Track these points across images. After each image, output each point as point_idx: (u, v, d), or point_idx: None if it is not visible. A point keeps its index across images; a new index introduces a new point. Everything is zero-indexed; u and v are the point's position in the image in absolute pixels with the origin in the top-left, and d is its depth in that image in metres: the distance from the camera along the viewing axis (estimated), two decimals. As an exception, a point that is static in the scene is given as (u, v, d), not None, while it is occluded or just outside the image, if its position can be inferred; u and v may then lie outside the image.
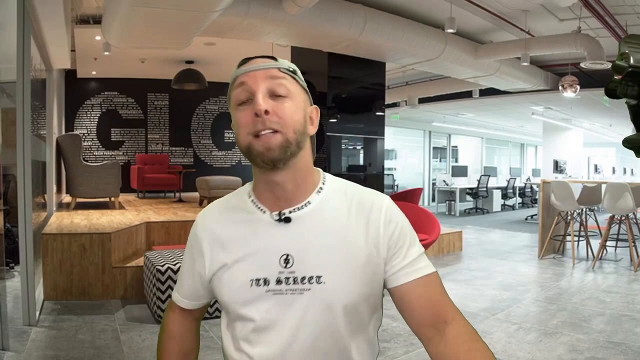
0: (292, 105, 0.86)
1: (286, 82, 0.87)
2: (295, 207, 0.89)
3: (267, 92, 0.85)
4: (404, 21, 5.87)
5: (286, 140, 0.84)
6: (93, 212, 5.77)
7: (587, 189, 5.97)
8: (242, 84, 0.86)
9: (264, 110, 0.82)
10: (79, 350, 2.94)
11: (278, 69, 0.87)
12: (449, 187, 12.22)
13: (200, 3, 3.88)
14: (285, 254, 0.87)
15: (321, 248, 0.87)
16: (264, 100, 0.83)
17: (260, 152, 0.83)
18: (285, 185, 0.88)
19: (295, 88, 0.88)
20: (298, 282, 0.86)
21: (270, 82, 0.85)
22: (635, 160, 3.37)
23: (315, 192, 0.91)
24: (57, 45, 5.03)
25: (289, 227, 0.88)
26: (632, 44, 1.23)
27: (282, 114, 0.84)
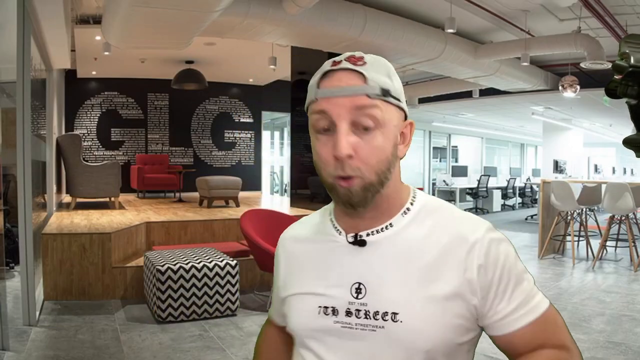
0: (380, 140, 0.73)
1: (376, 111, 0.72)
2: (374, 230, 0.78)
3: (352, 125, 0.72)
4: (404, 21, 5.87)
5: (366, 185, 0.73)
6: (93, 212, 5.77)
7: (587, 189, 5.97)
8: (322, 112, 0.73)
9: (346, 154, 0.71)
10: (79, 350, 2.94)
11: (367, 95, 0.71)
12: (449, 187, 12.23)
13: (200, 3, 3.88)
14: (357, 282, 0.76)
15: (400, 279, 0.74)
16: (347, 140, 0.71)
17: (342, 195, 0.74)
18: (365, 214, 0.78)
19: (387, 113, 0.73)
20: (370, 316, 0.74)
21: (356, 112, 0.71)
22: (635, 160, 3.37)
23: (400, 214, 0.79)
24: (57, 45, 5.03)
25: (364, 252, 0.77)
26: (632, 44, 1.24)
27: (366, 155, 0.72)
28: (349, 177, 0.72)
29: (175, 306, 3.53)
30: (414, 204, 0.81)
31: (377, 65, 0.75)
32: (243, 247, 4.63)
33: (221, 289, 3.67)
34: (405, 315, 0.73)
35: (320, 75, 0.75)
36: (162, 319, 3.51)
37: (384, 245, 0.77)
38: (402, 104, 0.77)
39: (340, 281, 0.77)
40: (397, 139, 0.77)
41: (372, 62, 0.75)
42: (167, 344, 3.10)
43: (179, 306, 3.53)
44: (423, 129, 14.80)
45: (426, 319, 0.73)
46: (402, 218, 0.79)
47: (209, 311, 3.63)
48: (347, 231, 0.80)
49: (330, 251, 0.80)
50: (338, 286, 0.77)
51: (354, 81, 0.72)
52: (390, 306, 0.74)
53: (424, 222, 0.79)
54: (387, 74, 0.75)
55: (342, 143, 0.70)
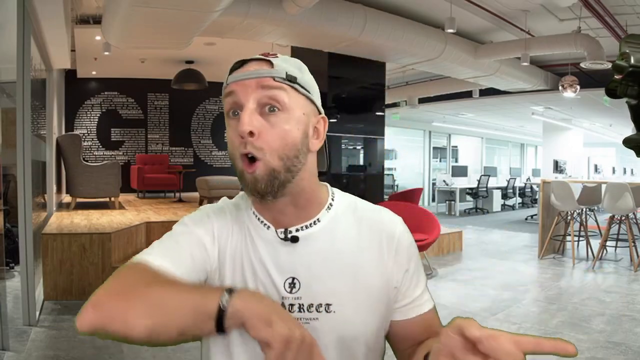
0: (284, 124, 0.73)
1: (282, 94, 0.74)
2: (303, 225, 0.79)
3: (258, 105, 0.73)
4: (404, 21, 5.87)
5: (271, 170, 0.73)
6: (93, 212, 5.77)
7: (587, 189, 5.96)
8: (231, 93, 0.75)
9: (248, 131, 0.71)
10: (79, 350, 2.94)
11: (273, 77, 0.74)
12: (449, 187, 12.22)
13: (200, 3, 3.88)
14: (290, 277, 0.77)
15: (331, 272, 0.77)
16: (250, 118, 0.72)
17: (249, 182, 0.74)
18: (284, 209, 0.78)
19: (294, 99, 0.75)
20: (304, 309, 0.76)
21: (262, 93, 0.73)
22: (635, 160, 3.35)
23: (325, 209, 0.81)
24: (57, 45, 5.03)
25: (295, 247, 0.78)
26: (632, 44, 1.23)
27: (270, 137, 0.73)
28: (254, 161, 0.73)
29: (175, 306, 3.52)
30: (335, 199, 0.83)
31: (288, 59, 0.78)
32: (243, 247, 4.62)
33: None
34: (338, 306, 0.76)
35: (233, 65, 0.77)
36: (162, 319, 3.50)
37: (314, 240, 0.79)
38: (312, 96, 0.78)
39: (273, 277, 0.77)
40: (308, 131, 0.77)
41: (284, 57, 0.78)
42: (167, 344, 3.10)
43: (179, 306, 3.53)
44: (423, 129, 14.79)
45: (357, 307, 0.77)
46: (327, 213, 0.81)
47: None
48: (274, 225, 0.79)
49: (261, 246, 0.79)
50: (271, 282, 0.77)
51: (262, 67, 0.75)
52: (323, 298, 0.76)
53: (348, 217, 0.82)
54: (297, 67, 0.78)
55: (244, 119, 0.72)
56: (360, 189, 7.22)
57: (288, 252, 0.78)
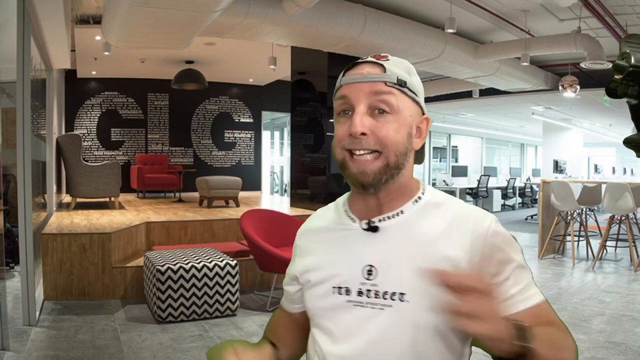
0: (394, 124, 0.79)
1: (392, 98, 0.79)
2: (386, 216, 0.83)
3: (369, 108, 0.79)
4: (404, 21, 5.87)
5: (386, 165, 0.79)
6: (93, 212, 5.77)
7: (587, 189, 5.96)
8: (344, 97, 0.81)
9: (360, 132, 0.77)
10: (79, 350, 2.94)
11: (385, 82, 0.79)
12: (449, 187, 12.21)
13: (200, 3, 3.88)
14: (368, 264, 0.82)
15: (408, 262, 0.79)
16: (362, 119, 0.78)
17: (354, 173, 0.80)
18: (379, 199, 0.83)
19: (402, 102, 0.80)
20: (380, 296, 0.80)
21: (374, 98, 0.79)
22: (635, 160, 3.36)
23: (411, 202, 0.84)
24: (57, 45, 5.03)
25: (376, 237, 0.83)
26: (632, 44, 1.23)
27: (382, 135, 0.78)
28: (365, 154, 0.78)
29: (175, 306, 3.53)
30: (425, 194, 0.86)
31: (398, 62, 0.83)
32: (243, 247, 4.63)
33: (221, 289, 3.67)
34: (411, 295, 0.78)
35: (347, 67, 0.83)
36: (162, 319, 3.51)
37: (395, 231, 0.82)
38: (418, 98, 0.84)
39: (353, 264, 0.83)
40: (413, 131, 0.83)
41: (394, 60, 0.83)
42: (167, 344, 3.10)
43: (179, 306, 3.53)
44: (423, 129, 14.78)
45: (431, 297, 0.74)
46: (413, 206, 0.84)
47: (209, 311, 3.63)
48: (360, 219, 0.85)
49: (344, 237, 0.86)
50: (351, 268, 0.83)
51: (375, 70, 0.80)
52: (398, 287, 0.79)
53: (433, 211, 0.84)
54: (406, 71, 0.83)
55: (356, 121, 0.78)
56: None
57: (368, 241, 0.83)
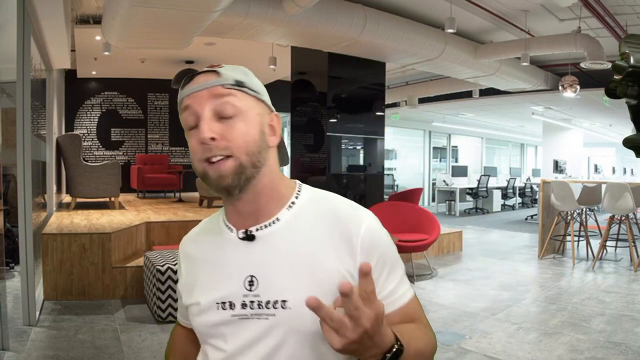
0: (242, 125, 0.79)
1: (233, 99, 0.79)
2: (262, 225, 0.82)
3: (214, 113, 0.78)
4: (404, 21, 5.87)
5: (239, 166, 0.78)
6: (93, 212, 5.77)
7: (587, 189, 5.96)
8: (187, 107, 0.81)
9: (209, 137, 0.77)
10: (79, 350, 2.94)
11: (222, 85, 0.79)
12: (449, 187, 12.22)
13: (200, 3, 3.88)
14: (249, 275, 0.80)
15: (288, 269, 0.79)
16: (209, 126, 0.77)
17: (214, 179, 0.78)
18: (247, 205, 0.82)
19: (245, 102, 0.80)
20: (263, 306, 0.79)
21: (215, 102, 0.79)
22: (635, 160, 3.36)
23: (285, 208, 0.83)
24: (57, 45, 5.03)
25: (254, 246, 0.82)
26: (632, 44, 1.23)
27: (231, 137, 0.77)
28: (221, 159, 0.77)
29: (175, 306, 3.52)
30: (299, 197, 0.85)
31: (232, 67, 0.84)
32: (243, 247, 4.62)
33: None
34: (293, 302, 0.77)
35: (183, 82, 0.84)
36: (162, 319, 3.51)
37: (272, 239, 0.82)
38: (261, 96, 0.84)
39: (234, 276, 0.81)
40: (265, 129, 0.83)
41: (228, 66, 0.84)
42: (167, 344, 3.10)
43: (179, 306, 3.53)
44: (423, 129, 14.80)
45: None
46: (288, 211, 0.83)
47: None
48: (237, 228, 0.84)
49: (223, 248, 0.84)
50: (232, 281, 0.81)
51: (210, 77, 0.81)
52: (279, 295, 0.78)
53: (310, 214, 0.83)
54: (242, 73, 0.83)
55: (203, 127, 0.77)
56: (360, 189, 7.22)
57: (247, 251, 0.82)
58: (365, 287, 0.66)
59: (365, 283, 0.66)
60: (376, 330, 0.67)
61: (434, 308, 3.89)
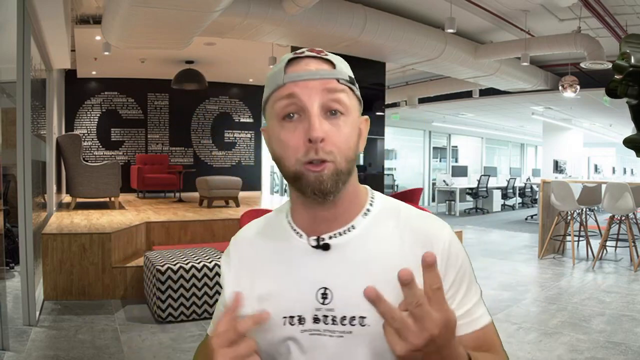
0: (348, 127, 0.72)
1: (344, 97, 0.72)
2: (337, 232, 0.75)
3: (322, 108, 0.70)
4: (404, 21, 5.87)
5: (338, 171, 0.71)
6: (93, 212, 5.76)
7: (587, 189, 5.96)
8: (292, 95, 0.70)
9: (321, 137, 0.69)
10: (79, 350, 2.94)
11: (338, 79, 0.72)
12: (449, 187, 12.22)
13: (200, 3, 3.88)
14: (323, 287, 0.73)
15: (365, 282, 0.67)
16: (321, 123, 0.69)
17: (311, 182, 0.70)
18: (328, 211, 0.75)
19: (352, 102, 0.73)
20: (338, 322, 0.72)
21: (327, 96, 0.70)
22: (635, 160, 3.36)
23: (361, 215, 0.77)
24: (57, 45, 5.03)
25: (328, 256, 0.74)
26: (632, 44, 1.23)
27: (338, 140, 0.71)
28: (321, 162, 0.70)
29: (175, 306, 3.52)
30: (374, 204, 0.79)
31: (339, 58, 0.75)
32: (243, 247, 4.62)
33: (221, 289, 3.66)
34: (372, 319, 0.69)
35: (286, 62, 0.73)
36: (162, 319, 3.50)
37: (348, 248, 0.75)
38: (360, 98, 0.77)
39: (304, 287, 0.74)
40: (358, 132, 0.76)
41: (334, 55, 0.75)
42: (167, 344, 3.10)
43: (179, 306, 3.53)
44: (423, 129, 14.80)
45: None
46: (363, 219, 0.77)
47: (209, 311, 3.63)
48: (307, 234, 0.76)
49: (291, 255, 0.77)
50: (302, 293, 0.74)
51: (324, 66, 0.72)
52: (357, 310, 0.71)
53: (386, 223, 0.77)
54: (349, 68, 0.76)
55: (316, 125, 0.69)
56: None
57: (319, 260, 0.75)
58: (430, 282, 0.58)
59: (430, 277, 0.58)
60: (446, 342, 0.59)
61: (434, 308, 3.89)
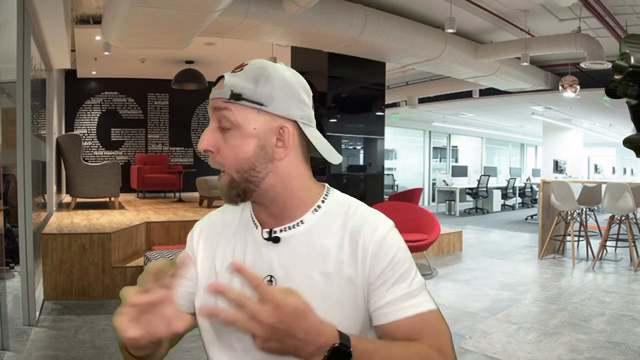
0: (236, 140, 0.78)
1: (228, 114, 0.78)
2: (287, 226, 0.82)
3: (218, 122, 0.80)
4: (404, 21, 5.87)
5: (231, 180, 0.79)
6: (93, 212, 5.77)
7: (587, 189, 5.96)
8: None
9: (202, 149, 0.79)
10: (79, 350, 2.94)
11: (220, 98, 0.79)
12: (449, 187, 12.22)
13: (200, 3, 3.88)
14: (269, 275, 0.80)
15: (306, 273, 0.79)
16: (208, 135, 0.79)
17: (219, 189, 0.82)
18: (265, 209, 0.83)
19: (242, 116, 0.78)
20: None
21: (216, 114, 0.80)
22: (635, 160, 3.36)
23: (311, 211, 0.83)
24: (57, 45, 5.03)
25: (277, 247, 0.82)
26: (632, 44, 1.24)
27: (226, 153, 0.79)
28: (222, 172, 0.80)
29: (175, 306, 3.52)
30: (325, 202, 0.84)
31: (249, 71, 0.79)
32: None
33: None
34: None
35: (215, 81, 0.83)
36: (162, 319, 3.50)
37: (294, 241, 0.81)
38: (267, 108, 0.78)
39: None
40: (268, 142, 0.78)
41: (248, 69, 0.79)
42: (167, 344, 3.10)
43: (179, 306, 3.53)
44: (423, 129, 14.80)
45: (329, 310, 0.75)
46: (313, 215, 0.83)
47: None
48: (262, 225, 0.84)
49: (248, 244, 0.85)
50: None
51: (219, 87, 0.80)
52: None
53: (335, 219, 0.82)
54: (254, 80, 0.78)
55: (202, 137, 0.80)
56: (360, 189, 7.22)
57: (269, 251, 0.82)
58: (249, 282, 0.65)
59: (247, 278, 0.65)
60: (292, 326, 0.64)
61: (434, 308, 3.89)
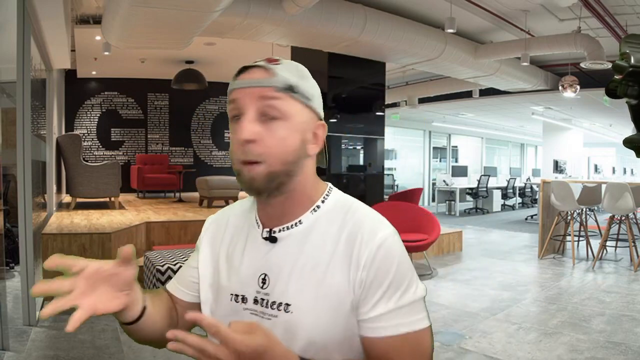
0: (284, 130, 0.77)
1: (281, 103, 0.76)
2: (286, 226, 0.82)
3: (258, 113, 0.76)
4: (404, 21, 5.87)
5: (270, 173, 0.76)
6: (93, 212, 5.77)
7: (587, 189, 5.96)
8: (233, 101, 0.78)
9: (246, 140, 0.75)
10: (79, 350, 2.94)
11: (274, 87, 0.76)
12: (449, 187, 12.22)
13: (200, 3, 3.88)
14: (263, 273, 0.81)
15: (298, 274, 0.78)
16: (251, 125, 0.76)
17: (246, 180, 0.77)
18: (274, 208, 0.82)
19: (293, 108, 0.78)
20: (269, 306, 0.79)
21: (262, 103, 0.76)
22: (635, 160, 3.36)
23: (310, 211, 0.82)
24: (57, 45, 5.03)
25: (274, 247, 0.82)
26: (632, 44, 1.24)
27: (270, 143, 0.76)
28: (254, 163, 0.76)
29: (175, 306, 3.52)
30: (326, 201, 0.84)
31: (290, 66, 0.80)
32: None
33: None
34: (295, 307, 0.77)
35: (238, 71, 0.80)
36: (162, 319, 3.50)
37: (291, 241, 0.81)
38: (311, 103, 0.81)
39: (250, 272, 0.83)
40: (307, 137, 0.80)
41: (287, 64, 0.80)
42: (167, 344, 3.10)
43: (179, 306, 3.53)
44: (423, 129, 14.80)
45: (318, 313, 0.76)
46: (311, 215, 0.82)
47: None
48: (264, 225, 0.85)
49: (248, 242, 0.86)
50: (248, 276, 0.83)
51: (264, 75, 0.77)
52: (284, 297, 0.78)
53: (334, 220, 0.81)
54: (299, 75, 0.80)
55: (243, 127, 0.76)
56: (360, 189, 7.22)
57: (267, 250, 0.83)
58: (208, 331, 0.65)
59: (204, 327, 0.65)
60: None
61: (434, 308, 3.89)
